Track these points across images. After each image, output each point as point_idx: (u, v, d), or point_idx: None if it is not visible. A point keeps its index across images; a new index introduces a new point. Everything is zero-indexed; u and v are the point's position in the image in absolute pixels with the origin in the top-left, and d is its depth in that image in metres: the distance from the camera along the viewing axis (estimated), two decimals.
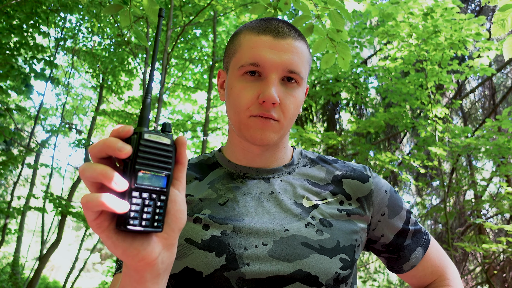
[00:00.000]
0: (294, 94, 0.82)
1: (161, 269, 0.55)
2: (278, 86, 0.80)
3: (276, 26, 0.83)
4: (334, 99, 6.88)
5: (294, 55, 0.81)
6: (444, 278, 0.95)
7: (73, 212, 6.58)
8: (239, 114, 0.82)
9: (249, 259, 0.76)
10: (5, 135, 4.89)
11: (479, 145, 4.35)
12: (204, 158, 0.95)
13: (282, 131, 0.83)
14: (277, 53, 0.80)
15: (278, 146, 0.89)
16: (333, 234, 0.80)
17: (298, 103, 0.84)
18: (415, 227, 0.94)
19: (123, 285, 0.57)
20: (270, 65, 0.79)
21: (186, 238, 0.79)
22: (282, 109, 0.81)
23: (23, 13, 5.26)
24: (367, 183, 0.89)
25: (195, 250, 0.77)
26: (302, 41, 0.85)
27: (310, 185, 0.88)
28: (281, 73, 0.80)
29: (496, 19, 1.15)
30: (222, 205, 0.83)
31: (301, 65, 0.82)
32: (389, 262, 0.96)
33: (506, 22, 1.13)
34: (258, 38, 0.81)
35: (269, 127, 0.80)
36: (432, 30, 4.00)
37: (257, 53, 0.80)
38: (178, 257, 0.78)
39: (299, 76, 0.82)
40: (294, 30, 0.85)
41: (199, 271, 0.75)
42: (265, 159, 0.89)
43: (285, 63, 0.80)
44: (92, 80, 8.94)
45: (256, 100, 0.80)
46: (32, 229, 12.40)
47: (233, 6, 4.96)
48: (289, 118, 0.82)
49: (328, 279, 0.76)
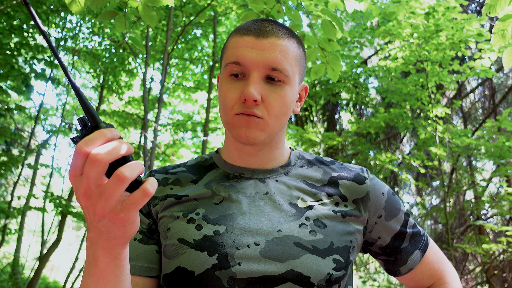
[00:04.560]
0: (280, 92, 0.82)
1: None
2: (260, 84, 0.81)
3: (259, 26, 0.84)
4: (334, 99, 6.88)
5: (277, 53, 0.81)
6: (443, 281, 0.95)
7: (73, 212, 6.58)
8: (226, 113, 0.84)
9: (241, 258, 0.76)
10: (6, 135, 4.89)
11: (479, 145, 4.36)
12: (202, 160, 0.96)
13: (268, 129, 0.83)
14: (258, 52, 0.81)
15: (271, 147, 0.89)
16: (327, 235, 0.80)
17: (285, 101, 0.83)
18: (413, 229, 0.94)
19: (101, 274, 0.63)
20: (250, 64, 0.81)
21: (179, 238, 0.80)
22: (266, 107, 0.81)
23: (24, 14, 5.27)
24: (363, 185, 0.89)
25: (188, 250, 0.78)
26: (289, 40, 0.85)
27: (306, 186, 0.88)
28: (263, 71, 0.81)
29: (497, 29, 1.15)
30: (217, 204, 0.84)
31: (285, 63, 0.82)
32: (386, 264, 0.95)
33: (506, 32, 1.13)
34: (241, 38, 0.83)
35: (253, 125, 0.81)
36: (433, 30, 4.00)
37: (239, 53, 0.81)
38: (171, 257, 0.79)
39: (283, 73, 0.81)
40: (282, 28, 0.85)
41: (191, 270, 0.76)
42: (259, 160, 0.89)
43: (266, 61, 0.80)
44: (93, 80, 8.94)
45: (239, 98, 0.81)
46: (32, 229, 12.40)
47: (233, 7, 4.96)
48: (274, 116, 0.82)
49: (320, 280, 0.76)
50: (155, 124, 5.70)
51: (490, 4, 1.14)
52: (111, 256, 0.62)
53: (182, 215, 0.83)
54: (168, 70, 7.86)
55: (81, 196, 0.56)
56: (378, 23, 6.34)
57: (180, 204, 0.85)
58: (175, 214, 0.84)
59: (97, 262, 0.62)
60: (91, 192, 0.55)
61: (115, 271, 0.64)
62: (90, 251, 0.62)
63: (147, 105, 5.54)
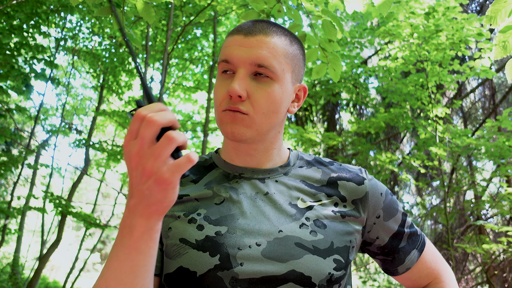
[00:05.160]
0: (266, 89, 0.82)
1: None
2: (246, 80, 0.81)
3: (250, 25, 0.85)
4: (334, 99, 6.88)
5: (264, 49, 0.81)
6: (439, 280, 0.96)
7: (73, 212, 6.59)
8: (216, 110, 0.85)
9: (243, 259, 0.76)
10: (6, 135, 4.89)
11: (479, 145, 4.36)
12: (201, 160, 0.96)
13: (255, 126, 0.82)
14: (246, 49, 0.82)
15: (266, 147, 0.89)
16: (327, 235, 0.81)
17: (272, 98, 0.83)
18: (411, 229, 0.95)
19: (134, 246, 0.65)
20: (237, 61, 0.82)
21: (180, 238, 0.80)
22: (252, 103, 0.81)
23: (24, 14, 5.26)
24: (362, 185, 0.89)
25: (189, 250, 0.78)
26: (279, 37, 0.85)
27: (305, 187, 0.88)
28: (249, 68, 0.81)
29: (498, 41, 1.15)
30: (218, 204, 0.84)
31: (272, 59, 0.82)
32: (384, 264, 0.97)
33: (507, 43, 1.13)
34: (232, 38, 0.85)
35: (238, 121, 0.81)
36: (433, 30, 4.00)
37: (228, 51, 0.83)
38: (172, 257, 0.79)
39: (269, 70, 0.81)
40: (273, 27, 0.86)
41: (193, 270, 0.76)
42: (256, 159, 0.89)
43: (252, 58, 0.81)
44: (93, 80, 8.94)
45: (226, 95, 0.82)
46: (32, 229, 12.40)
47: (233, 7, 4.96)
48: (261, 113, 0.82)
49: (321, 280, 0.76)
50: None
51: (491, 16, 1.13)
52: (148, 225, 0.64)
53: (183, 215, 0.83)
54: (168, 70, 7.86)
55: (134, 156, 0.62)
56: (378, 23, 6.33)
57: (180, 204, 0.85)
58: (176, 214, 0.84)
59: (132, 232, 0.64)
60: (143, 152, 0.61)
61: (148, 243, 0.65)
62: (127, 221, 0.65)
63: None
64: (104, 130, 11.19)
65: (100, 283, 0.67)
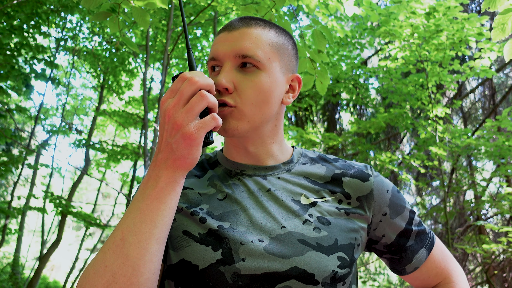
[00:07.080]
0: (253, 79, 0.82)
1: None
2: (232, 73, 0.82)
3: (233, 22, 0.87)
4: (335, 100, 6.88)
5: (246, 41, 0.82)
6: (450, 280, 0.94)
7: (73, 212, 6.58)
8: None
9: (245, 254, 0.76)
10: (6, 136, 4.89)
11: (479, 145, 4.35)
12: (206, 157, 0.96)
13: (246, 118, 0.82)
14: (229, 43, 0.83)
15: (264, 141, 0.88)
16: (331, 232, 0.80)
17: (260, 88, 0.82)
18: (419, 227, 0.92)
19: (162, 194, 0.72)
20: (222, 56, 0.83)
21: (184, 230, 0.80)
22: (239, 95, 0.81)
23: (24, 14, 5.27)
24: (367, 182, 0.88)
25: (192, 243, 0.78)
26: (263, 28, 0.85)
27: (309, 183, 0.87)
28: (234, 61, 0.82)
29: (497, 23, 1.15)
30: (220, 200, 0.84)
31: (256, 49, 0.82)
32: (391, 263, 0.94)
33: (506, 26, 1.13)
34: (218, 36, 0.87)
35: (227, 115, 0.81)
36: (434, 30, 3.99)
37: (213, 49, 0.85)
38: (175, 249, 0.79)
39: (253, 59, 0.81)
40: (256, 20, 0.86)
41: (195, 264, 0.76)
42: (256, 156, 0.89)
43: (235, 50, 0.82)
44: (93, 80, 8.94)
45: (216, 91, 0.83)
46: (32, 229, 12.41)
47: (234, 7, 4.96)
48: (250, 104, 0.81)
49: (324, 277, 0.75)
50: (155, 124, 5.71)
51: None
52: (173, 177, 0.71)
53: (186, 207, 0.83)
54: (168, 70, 7.86)
55: (169, 109, 0.70)
56: (379, 23, 6.34)
57: (183, 196, 0.86)
58: (179, 206, 0.84)
59: (157, 182, 0.71)
60: (179, 106, 0.69)
61: (171, 194, 0.72)
62: (153, 173, 0.72)
63: (147, 105, 5.53)
64: (104, 130, 11.20)
65: (116, 234, 0.70)
